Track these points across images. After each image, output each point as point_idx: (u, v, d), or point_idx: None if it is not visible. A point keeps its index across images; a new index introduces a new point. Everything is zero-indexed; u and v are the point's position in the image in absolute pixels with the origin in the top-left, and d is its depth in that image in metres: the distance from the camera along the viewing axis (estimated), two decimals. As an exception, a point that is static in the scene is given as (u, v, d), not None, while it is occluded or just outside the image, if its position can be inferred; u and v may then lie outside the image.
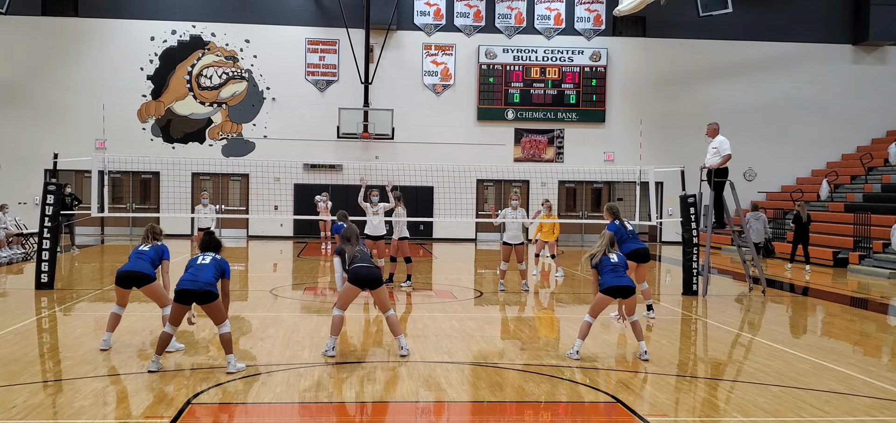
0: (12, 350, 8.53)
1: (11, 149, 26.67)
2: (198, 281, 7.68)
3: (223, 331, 7.71)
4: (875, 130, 29.50)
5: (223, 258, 8.09)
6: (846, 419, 6.56)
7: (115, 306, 8.68)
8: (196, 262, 7.95)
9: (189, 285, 7.67)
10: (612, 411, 6.82)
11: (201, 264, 7.89)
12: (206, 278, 7.72)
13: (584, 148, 28.87)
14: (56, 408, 6.54)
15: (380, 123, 27.28)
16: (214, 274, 7.84)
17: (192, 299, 7.71)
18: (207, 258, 7.96)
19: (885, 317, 13.09)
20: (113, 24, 27.80)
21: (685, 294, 13.92)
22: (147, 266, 8.55)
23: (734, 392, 7.46)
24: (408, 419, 6.65)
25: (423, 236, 28.45)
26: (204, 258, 7.96)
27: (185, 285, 7.68)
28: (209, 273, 7.79)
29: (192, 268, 7.89)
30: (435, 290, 14.98)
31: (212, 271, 7.84)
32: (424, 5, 28.81)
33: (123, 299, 8.68)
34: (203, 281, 7.68)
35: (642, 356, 8.45)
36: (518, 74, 28.89)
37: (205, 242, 8.22)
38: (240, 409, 6.72)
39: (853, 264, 20.30)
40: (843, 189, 26.25)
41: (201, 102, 28.29)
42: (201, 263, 7.90)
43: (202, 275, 7.74)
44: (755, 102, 29.19)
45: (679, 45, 29.15)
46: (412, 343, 9.19)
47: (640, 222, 18.53)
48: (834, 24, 29.63)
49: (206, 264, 7.88)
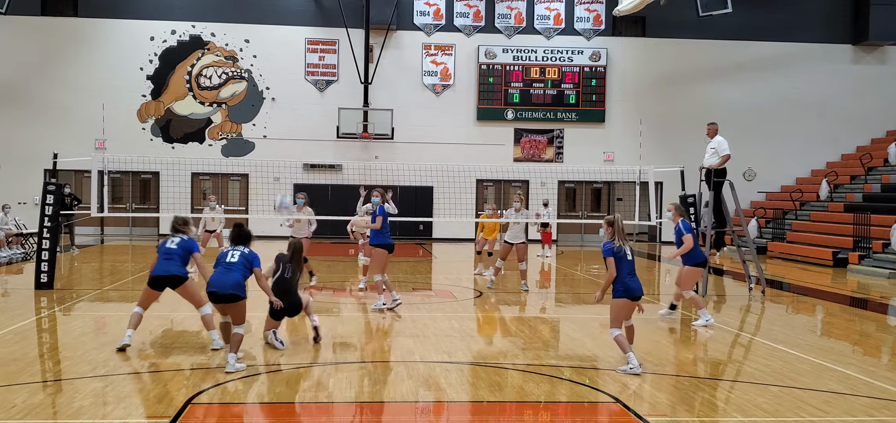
0: (12, 350, 8.53)
1: (11, 149, 26.66)
2: (225, 286, 7.82)
3: (237, 331, 7.81)
4: (875, 130, 29.50)
5: (252, 252, 8.16)
6: (846, 419, 6.56)
7: (138, 306, 8.61)
8: (225, 259, 8.03)
9: (216, 288, 7.86)
10: (612, 411, 6.82)
11: (230, 262, 7.98)
12: (234, 280, 7.85)
13: (583, 148, 28.87)
14: (56, 408, 6.54)
15: (379, 123, 27.28)
16: (243, 273, 7.95)
17: (219, 301, 7.91)
18: (236, 255, 8.03)
19: (885, 317, 13.09)
20: (113, 24, 27.80)
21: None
22: (178, 267, 8.49)
23: (734, 392, 7.46)
24: (408, 419, 6.65)
25: (423, 235, 28.46)
26: (233, 255, 8.03)
27: (213, 288, 7.87)
28: (238, 274, 7.90)
29: (221, 265, 7.99)
30: (435, 290, 14.97)
31: (240, 271, 7.93)
32: (424, 5, 28.81)
33: (149, 302, 8.61)
34: (230, 285, 7.82)
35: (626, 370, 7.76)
36: (518, 73, 28.89)
37: (234, 235, 8.33)
38: (240, 409, 6.72)
39: (853, 264, 20.30)
40: (843, 189, 26.25)
41: (201, 102, 28.29)
42: (230, 260, 7.99)
43: (230, 277, 7.86)
44: (755, 102, 29.19)
45: (679, 45, 29.15)
46: (412, 343, 9.19)
47: (640, 221, 18.56)
48: (834, 24, 29.64)
49: (234, 262, 7.97)
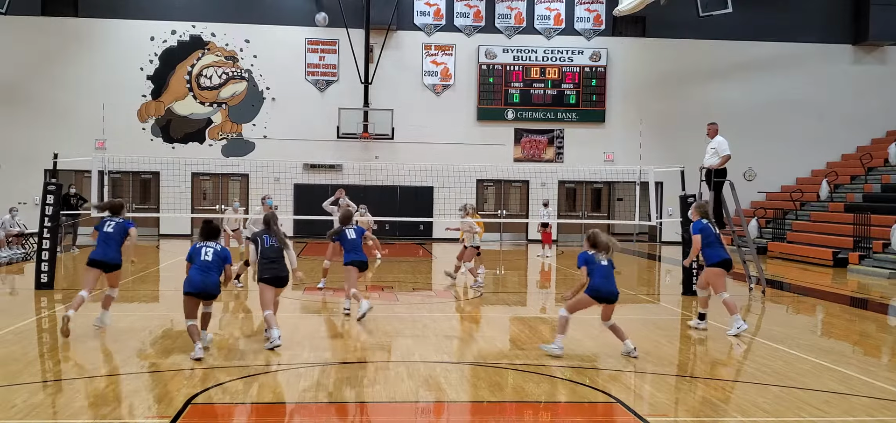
0: (12, 350, 8.53)
1: (11, 149, 26.66)
2: (208, 285, 8.33)
3: (207, 310, 8.65)
4: (875, 130, 29.50)
5: (224, 248, 8.67)
6: (846, 419, 6.56)
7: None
8: (201, 257, 8.41)
9: (197, 289, 8.31)
10: (612, 411, 6.82)
11: (205, 261, 8.39)
12: (214, 280, 8.41)
13: (583, 148, 28.87)
14: (56, 408, 6.54)
15: (380, 123, 27.28)
16: (219, 270, 8.49)
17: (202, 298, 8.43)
18: (210, 253, 8.44)
19: (885, 317, 13.09)
20: (113, 24, 27.80)
21: (685, 294, 13.91)
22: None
23: (734, 392, 7.45)
24: (408, 419, 6.65)
25: (423, 235, 28.46)
26: (206, 253, 8.44)
27: (194, 289, 8.30)
28: (217, 272, 8.46)
29: (197, 264, 8.37)
30: (435, 290, 14.97)
31: (217, 271, 8.46)
32: (424, 5, 28.81)
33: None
34: (212, 284, 8.38)
35: (632, 353, 8.47)
36: (518, 73, 28.89)
37: (204, 230, 8.74)
38: (240, 409, 6.72)
39: (853, 264, 20.30)
40: (843, 189, 26.25)
41: (201, 102, 28.29)
42: (205, 259, 8.40)
43: (210, 278, 8.36)
44: (755, 102, 29.18)
45: (679, 45, 29.15)
46: (412, 343, 9.19)
47: (640, 221, 18.55)
48: (834, 25, 29.64)
49: (209, 261, 8.39)
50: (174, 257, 20.82)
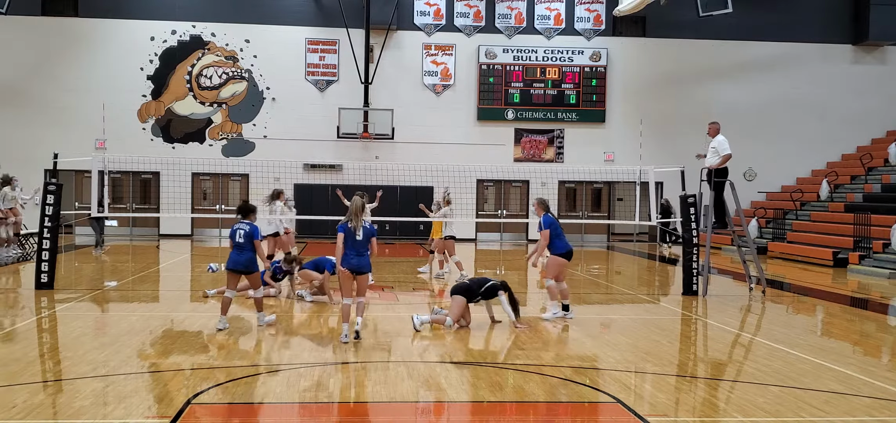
0: (12, 350, 8.54)
1: (11, 149, 26.61)
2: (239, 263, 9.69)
3: (255, 295, 9.96)
4: (875, 130, 29.49)
5: (252, 225, 9.75)
6: (846, 419, 6.56)
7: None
8: (235, 238, 9.73)
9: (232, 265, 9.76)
10: (612, 411, 6.82)
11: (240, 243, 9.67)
12: (248, 257, 9.67)
13: (584, 148, 28.87)
14: (56, 408, 6.54)
15: (380, 123, 27.27)
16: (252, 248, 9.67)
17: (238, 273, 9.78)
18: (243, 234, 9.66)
19: (885, 317, 13.09)
20: (113, 24, 27.79)
21: (685, 294, 13.92)
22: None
23: (734, 392, 7.46)
24: (408, 419, 6.65)
25: (423, 236, 28.45)
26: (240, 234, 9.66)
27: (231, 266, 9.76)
28: (250, 251, 9.67)
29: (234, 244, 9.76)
30: (435, 290, 14.97)
31: (250, 248, 9.66)
32: (424, 5, 28.81)
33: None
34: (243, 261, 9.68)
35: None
36: (518, 73, 28.88)
37: (241, 209, 10.05)
38: (240, 409, 6.72)
39: (853, 264, 20.29)
40: (843, 189, 26.25)
41: (201, 102, 28.29)
42: (239, 241, 9.67)
43: (244, 255, 9.65)
44: (755, 102, 29.18)
45: (679, 45, 29.15)
46: (412, 343, 9.19)
47: (641, 221, 18.56)
48: (833, 25, 29.63)
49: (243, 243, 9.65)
50: (174, 257, 20.83)
